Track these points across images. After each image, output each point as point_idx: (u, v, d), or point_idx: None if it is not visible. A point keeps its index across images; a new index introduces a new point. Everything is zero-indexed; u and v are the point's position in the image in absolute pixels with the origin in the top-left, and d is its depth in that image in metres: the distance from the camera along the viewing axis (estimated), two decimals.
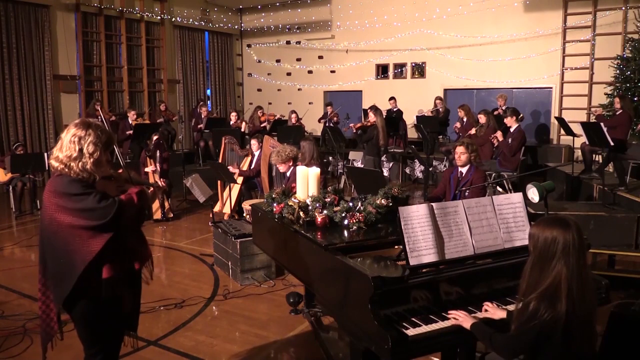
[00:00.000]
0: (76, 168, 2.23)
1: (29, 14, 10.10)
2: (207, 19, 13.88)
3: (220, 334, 3.93)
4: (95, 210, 2.19)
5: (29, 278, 4.95)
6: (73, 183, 2.22)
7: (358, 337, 2.33)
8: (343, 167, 9.89)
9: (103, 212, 2.20)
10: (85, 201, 2.19)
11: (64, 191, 2.21)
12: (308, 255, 2.85)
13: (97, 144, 2.26)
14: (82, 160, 2.23)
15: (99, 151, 2.27)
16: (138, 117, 10.24)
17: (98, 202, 2.20)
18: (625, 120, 7.13)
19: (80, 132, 2.27)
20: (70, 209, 2.19)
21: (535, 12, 10.71)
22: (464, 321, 2.20)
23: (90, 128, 2.29)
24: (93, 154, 2.25)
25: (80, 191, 2.21)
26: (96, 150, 2.26)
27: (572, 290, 1.92)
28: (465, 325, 2.18)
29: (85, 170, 2.24)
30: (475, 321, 2.20)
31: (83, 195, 2.20)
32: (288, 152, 5.43)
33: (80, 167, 2.23)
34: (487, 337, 2.11)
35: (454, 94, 11.94)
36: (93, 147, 2.25)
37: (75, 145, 2.24)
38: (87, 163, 2.24)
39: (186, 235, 6.84)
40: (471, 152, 5.00)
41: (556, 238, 1.96)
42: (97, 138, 2.27)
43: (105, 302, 2.32)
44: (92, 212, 2.19)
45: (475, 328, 2.16)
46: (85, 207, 2.19)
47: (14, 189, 8.04)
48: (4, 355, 3.56)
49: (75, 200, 2.20)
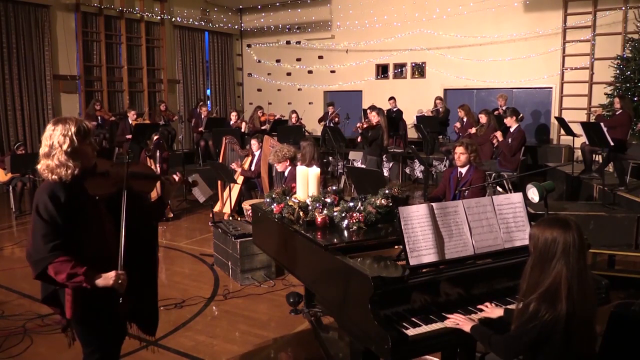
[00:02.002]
0: (52, 164, 2.22)
1: (29, 14, 10.10)
2: (207, 19, 13.88)
3: (220, 334, 3.93)
4: (35, 235, 2.19)
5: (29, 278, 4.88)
6: (45, 195, 2.21)
7: (358, 337, 2.33)
8: (343, 167, 9.89)
9: (37, 248, 2.18)
10: (36, 223, 2.19)
11: (37, 201, 2.23)
12: (308, 255, 2.85)
13: (66, 134, 2.24)
14: (54, 154, 2.23)
15: (69, 141, 2.23)
16: (138, 117, 10.24)
17: (41, 237, 2.17)
18: (625, 120, 7.13)
19: (50, 129, 2.28)
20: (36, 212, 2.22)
21: (535, 12, 10.71)
22: (464, 325, 2.20)
23: (59, 123, 2.29)
24: (63, 145, 2.23)
25: (43, 212, 2.19)
26: (65, 140, 2.23)
27: (572, 291, 1.92)
28: (466, 329, 2.18)
29: (61, 162, 2.22)
30: (475, 324, 2.20)
31: (41, 219, 2.18)
32: (285, 152, 5.44)
33: (56, 162, 2.22)
34: (486, 338, 2.11)
35: (454, 94, 11.94)
36: (62, 137, 2.24)
37: (47, 141, 2.26)
38: (61, 155, 2.22)
39: (186, 235, 6.84)
40: (471, 152, 4.99)
41: (556, 238, 1.96)
42: (66, 130, 2.25)
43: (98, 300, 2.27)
44: (34, 234, 2.19)
45: (475, 330, 2.16)
46: (34, 226, 2.20)
47: (14, 189, 8.03)
48: (4, 355, 3.56)
49: (39, 211, 2.20)
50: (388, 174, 10.19)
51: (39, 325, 3.96)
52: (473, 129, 8.57)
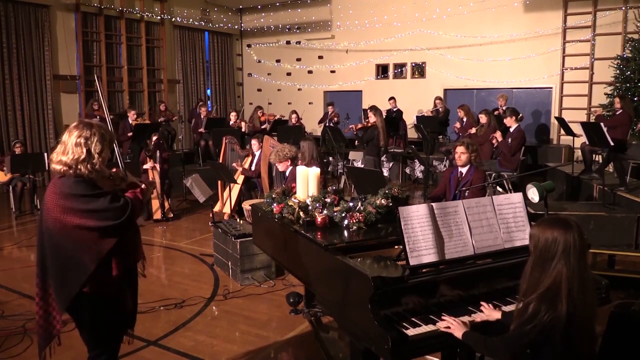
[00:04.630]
0: (84, 170, 2.22)
1: (29, 14, 10.09)
2: (207, 19, 13.88)
3: (220, 334, 3.93)
4: (108, 211, 2.20)
5: (29, 278, 4.94)
6: (79, 184, 2.21)
7: (358, 337, 2.33)
8: (343, 167, 9.89)
9: (115, 213, 2.21)
10: (96, 202, 2.19)
11: (71, 192, 2.19)
12: (308, 255, 2.85)
13: (104, 142, 2.28)
14: (92, 161, 2.23)
15: (106, 149, 2.29)
16: (138, 117, 10.24)
17: (110, 203, 2.20)
18: (625, 120, 7.13)
19: (85, 132, 2.25)
20: (78, 210, 2.18)
21: (535, 12, 10.71)
22: (456, 329, 2.14)
23: (94, 127, 2.28)
24: (101, 153, 2.26)
25: (89, 192, 2.20)
26: (103, 148, 2.27)
27: (572, 291, 1.92)
28: (457, 335, 2.13)
29: (95, 170, 2.24)
30: (466, 330, 2.14)
31: (93, 196, 2.20)
32: (286, 152, 5.44)
33: (90, 168, 2.23)
34: (481, 343, 2.07)
35: (454, 94, 11.94)
36: (100, 146, 2.26)
37: (82, 147, 2.23)
38: (97, 163, 2.24)
39: (186, 235, 6.84)
40: (471, 152, 5.00)
41: (557, 239, 1.95)
42: (102, 137, 2.28)
43: (109, 301, 2.31)
44: (104, 213, 2.19)
45: (468, 337, 2.11)
46: (97, 207, 2.19)
47: (14, 189, 8.04)
48: (4, 355, 3.56)
49: (84, 201, 2.18)
50: (388, 174, 10.19)
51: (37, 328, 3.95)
52: (473, 129, 8.58)
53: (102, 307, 2.30)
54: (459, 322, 2.18)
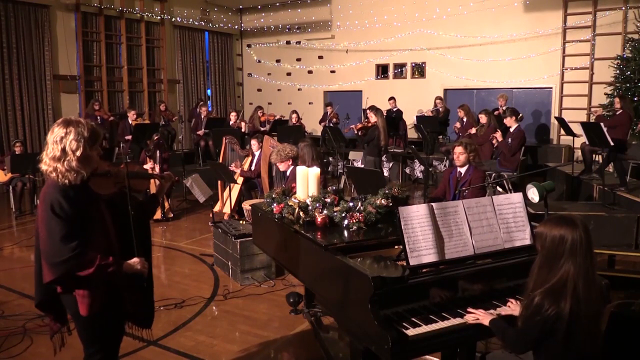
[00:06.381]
0: (62, 168, 2.18)
1: (29, 14, 10.09)
2: (207, 19, 13.88)
3: (220, 334, 3.93)
4: (53, 237, 2.13)
5: (29, 278, 4.89)
6: (64, 199, 2.17)
7: (358, 337, 2.33)
8: (343, 167, 9.89)
9: (63, 255, 2.12)
10: (53, 224, 2.13)
11: (51, 200, 2.19)
12: (308, 255, 2.85)
13: (80, 140, 2.21)
14: (67, 159, 2.19)
15: (82, 147, 2.21)
16: (138, 117, 10.24)
17: (61, 237, 2.12)
18: (625, 120, 7.13)
19: (61, 131, 2.22)
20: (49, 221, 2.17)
21: (535, 12, 10.71)
22: (484, 319, 2.20)
23: (71, 125, 2.23)
24: (76, 152, 2.20)
25: (68, 215, 2.14)
26: (79, 147, 2.20)
27: (578, 289, 1.92)
28: (485, 322, 2.19)
29: (72, 168, 2.19)
30: (494, 317, 2.21)
31: (58, 219, 2.13)
32: (288, 152, 5.43)
33: (66, 167, 2.19)
34: (500, 332, 2.13)
35: (454, 94, 11.94)
36: (75, 144, 2.20)
37: (57, 145, 2.20)
38: (72, 161, 2.19)
39: (186, 235, 6.84)
40: (470, 152, 4.99)
41: (564, 236, 1.95)
42: (79, 134, 2.21)
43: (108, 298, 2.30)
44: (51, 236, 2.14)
45: (493, 324, 2.17)
46: (50, 228, 2.14)
47: (14, 189, 8.03)
48: (4, 355, 3.56)
49: (57, 222, 2.15)
50: (388, 174, 10.18)
51: (39, 325, 3.95)
52: (473, 129, 8.58)
53: (76, 305, 2.27)
54: (485, 312, 2.25)
